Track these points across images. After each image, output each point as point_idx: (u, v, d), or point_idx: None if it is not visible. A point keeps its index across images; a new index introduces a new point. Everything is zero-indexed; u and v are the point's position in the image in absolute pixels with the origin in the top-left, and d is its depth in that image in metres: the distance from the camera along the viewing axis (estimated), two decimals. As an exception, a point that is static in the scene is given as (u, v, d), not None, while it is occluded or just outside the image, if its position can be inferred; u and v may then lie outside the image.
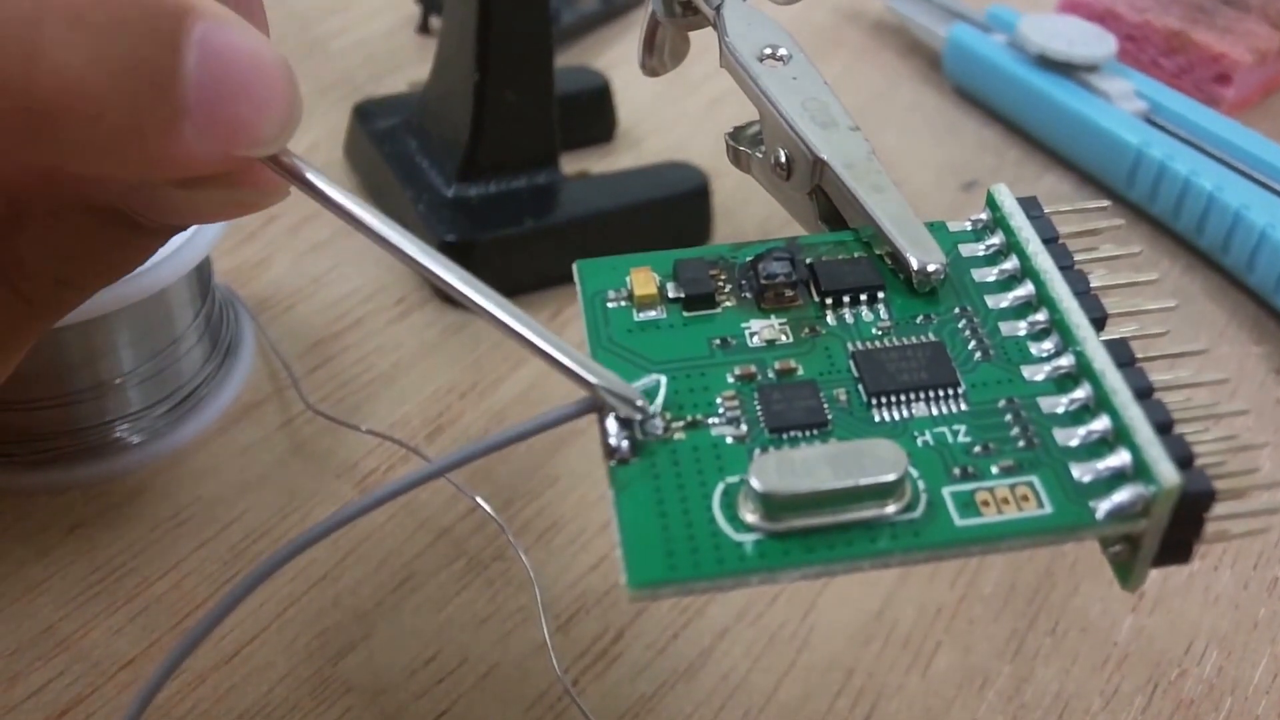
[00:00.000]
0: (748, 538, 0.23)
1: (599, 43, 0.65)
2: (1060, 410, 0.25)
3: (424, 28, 0.64)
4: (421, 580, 0.38)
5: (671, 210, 0.51)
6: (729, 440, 0.25)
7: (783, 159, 0.31)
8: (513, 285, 0.48)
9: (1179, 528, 0.23)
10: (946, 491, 0.23)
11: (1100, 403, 0.24)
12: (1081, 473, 0.24)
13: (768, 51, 0.31)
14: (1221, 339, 0.49)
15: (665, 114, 0.60)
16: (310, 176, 0.25)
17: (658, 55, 0.37)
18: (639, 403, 0.25)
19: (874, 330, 0.27)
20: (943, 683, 0.37)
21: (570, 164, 0.53)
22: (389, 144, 0.52)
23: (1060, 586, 0.39)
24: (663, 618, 0.38)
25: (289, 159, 0.25)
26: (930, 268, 0.27)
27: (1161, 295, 0.27)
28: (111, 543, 0.39)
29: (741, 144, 0.33)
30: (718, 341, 0.26)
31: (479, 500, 0.40)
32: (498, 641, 0.37)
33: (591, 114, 0.57)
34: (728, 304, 0.27)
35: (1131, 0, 0.62)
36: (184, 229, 0.28)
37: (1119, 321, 0.26)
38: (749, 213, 0.53)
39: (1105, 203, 0.29)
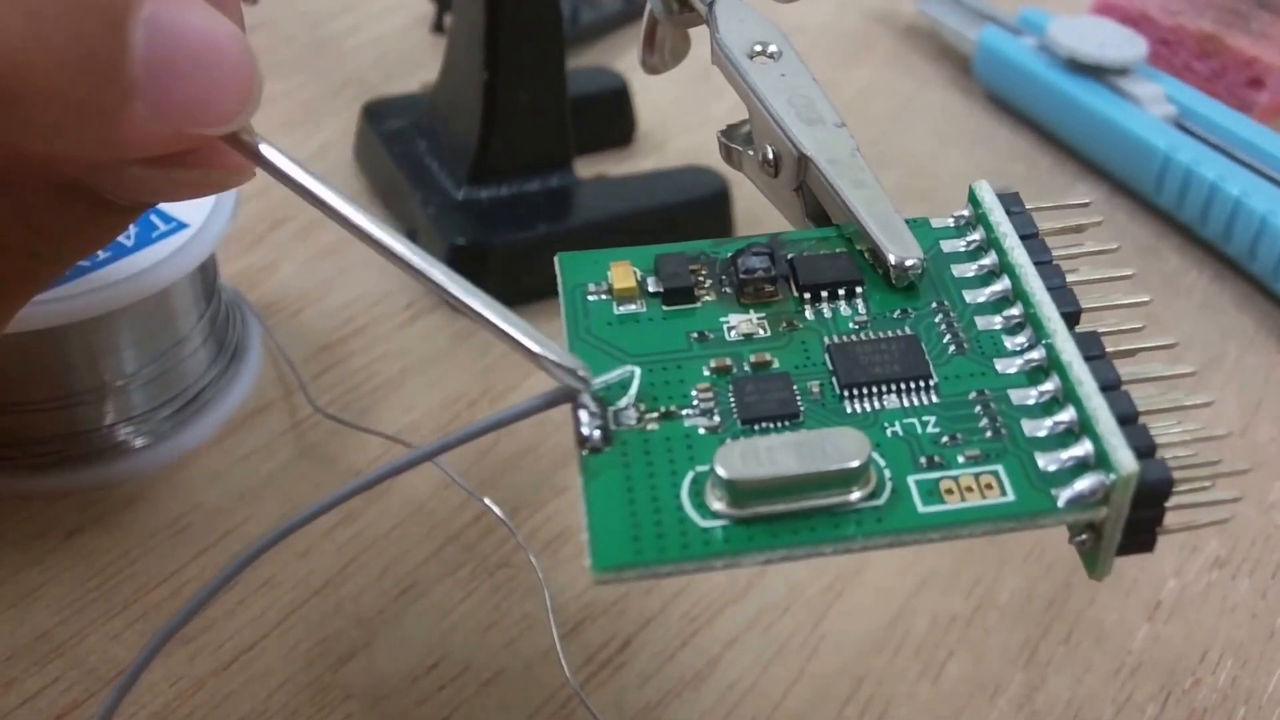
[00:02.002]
0: (714, 524, 0.24)
1: (620, 43, 0.65)
2: (1030, 402, 0.26)
3: (438, 26, 0.65)
4: (426, 587, 0.39)
5: (689, 215, 0.52)
6: (701, 431, 0.26)
7: (770, 156, 0.32)
8: (524, 291, 0.47)
9: (1140, 516, 0.24)
10: (911, 480, 0.25)
11: (1067, 394, 0.25)
12: (1046, 462, 0.25)
13: (758, 48, 0.32)
14: (1250, 348, 0.50)
15: (688, 117, 0.60)
16: (266, 153, 0.25)
17: (658, 53, 0.38)
18: (580, 372, 0.26)
19: (851, 324, 0.28)
20: (953, 691, 0.37)
21: (589, 167, 0.53)
22: (398, 145, 0.52)
23: (1077, 596, 0.40)
24: (671, 626, 0.39)
25: (248, 137, 0.25)
26: (908, 263, 0.28)
27: (1137, 290, 0.28)
28: (109, 549, 0.39)
29: (734, 142, 0.34)
30: (695, 335, 0.28)
31: (488, 502, 0.41)
32: (502, 648, 0.38)
33: (610, 115, 0.58)
34: (708, 298, 0.29)
35: (1165, 3, 0.63)
36: (155, 205, 0.29)
37: (1099, 316, 0.28)
38: (772, 219, 0.53)
39: (1087, 200, 0.30)
